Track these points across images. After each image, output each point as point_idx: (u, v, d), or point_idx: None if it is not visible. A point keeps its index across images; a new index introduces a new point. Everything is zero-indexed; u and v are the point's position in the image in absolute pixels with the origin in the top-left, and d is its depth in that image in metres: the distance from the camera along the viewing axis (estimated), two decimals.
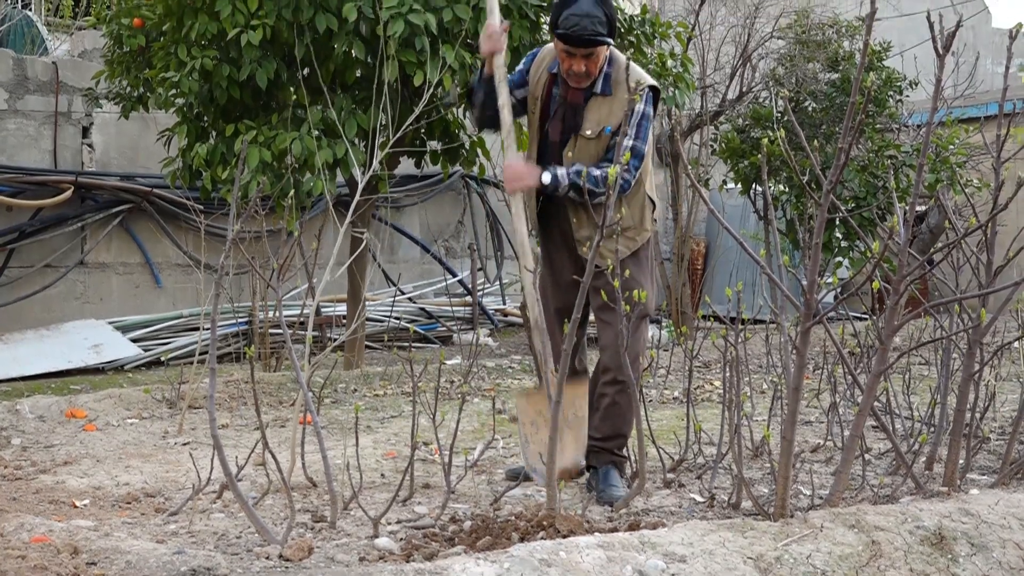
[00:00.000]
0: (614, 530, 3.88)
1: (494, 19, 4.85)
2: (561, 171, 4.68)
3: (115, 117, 10.45)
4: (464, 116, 8.92)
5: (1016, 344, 7.50)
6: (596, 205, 4.65)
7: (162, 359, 9.85)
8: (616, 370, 4.70)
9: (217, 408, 6.94)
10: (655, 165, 6.04)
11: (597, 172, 4.65)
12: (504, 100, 4.79)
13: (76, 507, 4.69)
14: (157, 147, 9.57)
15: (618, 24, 7.78)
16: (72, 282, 11.09)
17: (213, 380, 3.69)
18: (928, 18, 3.83)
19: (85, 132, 11.33)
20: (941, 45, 3.82)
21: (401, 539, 3.96)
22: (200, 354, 7.42)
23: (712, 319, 12.83)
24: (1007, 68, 4.62)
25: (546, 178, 4.67)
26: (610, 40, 4.66)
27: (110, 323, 10.80)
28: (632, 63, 4.86)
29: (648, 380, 7.99)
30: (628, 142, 4.65)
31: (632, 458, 4.92)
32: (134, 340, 10.65)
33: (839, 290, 9.19)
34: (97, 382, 9.38)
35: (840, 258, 11.89)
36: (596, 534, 3.54)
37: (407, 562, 3.52)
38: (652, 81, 4.84)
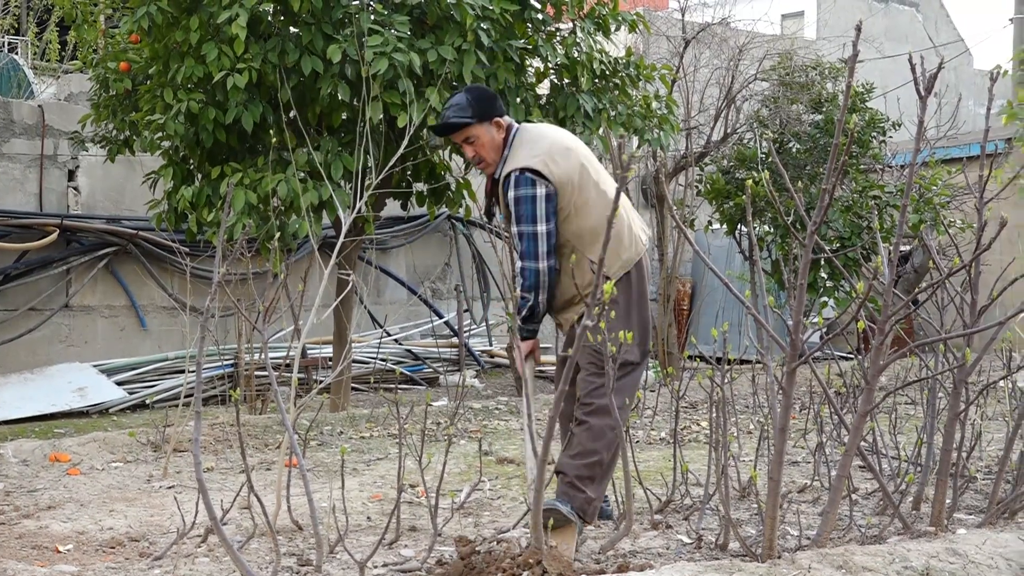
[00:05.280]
0: (601, 572, 3.86)
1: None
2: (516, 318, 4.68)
3: (101, 160, 10.46)
4: (449, 158, 8.95)
5: (1001, 383, 7.51)
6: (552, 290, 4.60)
7: (147, 402, 9.80)
8: (578, 408, 4.55)
9: (202, 451, 6.89)
10: (640, 206, 5.98)
11: (516, 292, 4.60)
12: None
13: (59, 552, 4.65)
14: (143, 190, 9.56)
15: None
16: (57, 325, 11.05)
17: (198, 423, 3.67)
18: (910, 60, 3.87)
19: (71, 175, 11.32)
20: (923, 86, 3.85)
21: None
22: (185, 397, 7.39)
23: (698, 359, 12.82)
24: (988, 109, 4.67)
25: (523, 333, 4.68)
26: (469, 122, 4.62)
27: (95, 366, 10.75)
28: (518, 146, 4.65)
29: (635, 421, 7.98)
30: (513, 229, 4.56)
31: (618, 499, 4.90)
32: (119, 383, 10.60)
33: (824, 330, 9.21)
34: (81, 425, 9.33)
35: (825, 298, 11.93)
36: None
37: None
38: (520, 163, 4.55)
